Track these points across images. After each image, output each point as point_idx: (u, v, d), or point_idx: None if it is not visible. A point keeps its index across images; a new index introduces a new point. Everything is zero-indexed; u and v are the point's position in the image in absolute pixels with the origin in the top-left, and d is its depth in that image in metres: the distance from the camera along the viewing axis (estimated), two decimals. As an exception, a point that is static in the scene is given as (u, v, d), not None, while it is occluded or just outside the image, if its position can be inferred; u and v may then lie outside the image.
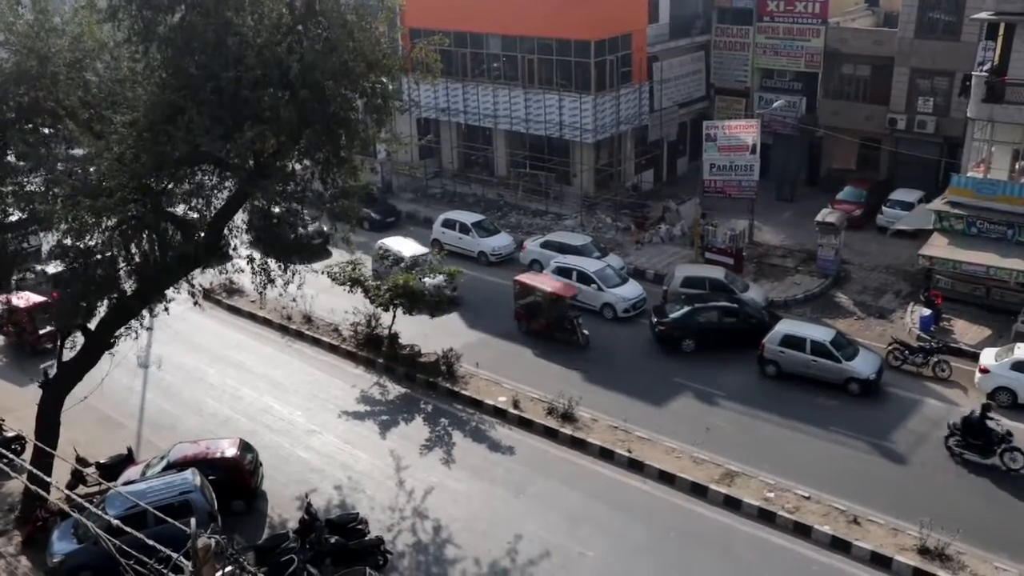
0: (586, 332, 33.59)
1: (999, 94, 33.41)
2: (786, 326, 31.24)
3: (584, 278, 36.01)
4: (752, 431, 28.10)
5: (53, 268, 29.80)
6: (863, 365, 29.66)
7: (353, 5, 23.01)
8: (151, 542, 13.17)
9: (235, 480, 25.00)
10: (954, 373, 30.20)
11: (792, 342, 30.36)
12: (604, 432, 27.98)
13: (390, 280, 32.46)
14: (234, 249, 25.71)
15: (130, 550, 13.94)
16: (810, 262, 39.17)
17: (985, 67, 34.86)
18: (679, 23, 49.20)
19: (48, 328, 34.17)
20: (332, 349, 34.30)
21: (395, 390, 31.57)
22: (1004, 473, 25.37)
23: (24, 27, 22.53)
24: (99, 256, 22.76)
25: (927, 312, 33.08)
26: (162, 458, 25.41)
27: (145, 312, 24.95)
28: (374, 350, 33.26)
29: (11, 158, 23.19)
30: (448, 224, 42.85)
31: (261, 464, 26.42)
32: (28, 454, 25.83)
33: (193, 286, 26.33)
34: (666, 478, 25.87)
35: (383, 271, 36.67)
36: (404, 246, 39.05)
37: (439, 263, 34.45)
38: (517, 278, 35.36)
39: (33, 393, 26.87)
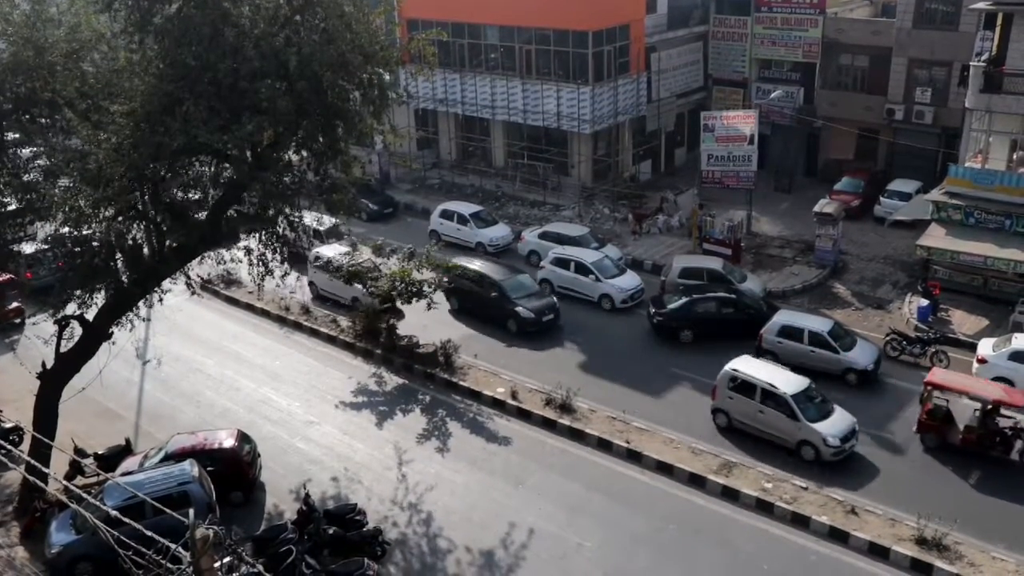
0: None
1: (997, 84, 33.38)
2: (784, 316, 31.27)
3: (582, 269, 36.02)
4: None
5: (29, 248, 29.76)
6: (861, 356, 29.70)
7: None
8: (149, 533, 13.15)
9: (233, 471, 25.01)
10: (952, 363, 30.17)
11: (790, 332, 30.39)
12: (602, 423, 28.01)
13: (388, 273, 32.42)
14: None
15: (128, 541, 13.92)
16: (808, 253, 39.18)
17: (983, 57, 34.86)
18: (677, 13, 49.11)
19: (15, 304, 34.15)
20: (330, 340, 34.28)
21: (393, 381, 31.57)
22: (1000, 463, 25.39)
23: (20, 17, 22.51)
24: (96, 245, 22.73)
25: (925, 302, 33.13)
26: (160, 449, 25.43)
27: (142, 303, 24.93)
28: (372, 341, 33.25)
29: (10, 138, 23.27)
30: (446, 215, 42.81)
31: (259, 455, 26.43)
32: (26, 445, 25.83)
33: (190, 276, 26.32)
34: (664, 469, 25.90)
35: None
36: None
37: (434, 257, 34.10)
38: (932, 379, 26.51)
39: (26, 380, 26.84)
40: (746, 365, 27.50)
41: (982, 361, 28.91)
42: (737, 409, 27.14)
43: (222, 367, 32.65)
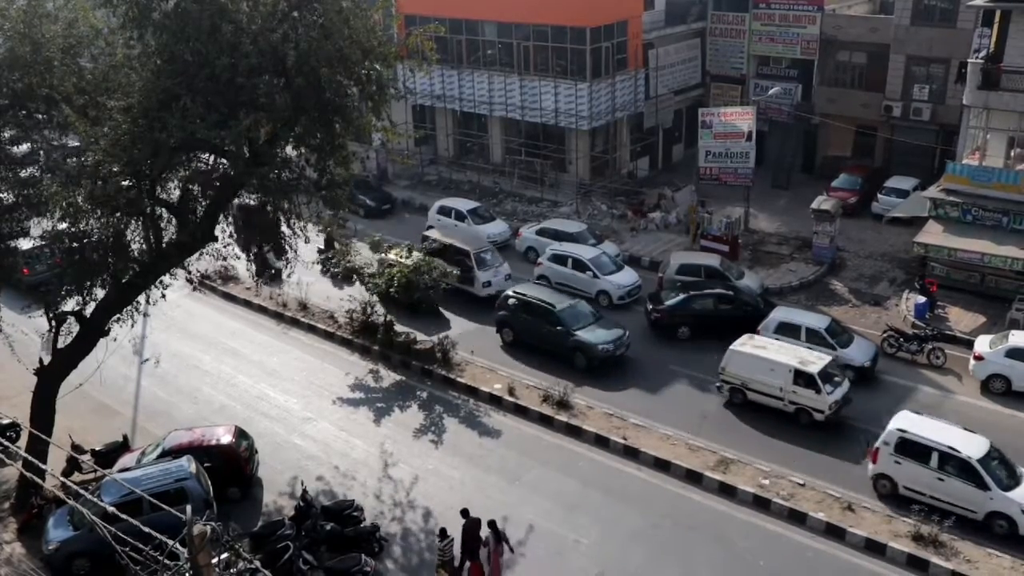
0: None
1: (995, 81, 33.36)
2: (781, 313, 31.27)
3: (579, 265, 36.02)
4: (747, 418, 28.14)
5: (26, 244, 29.64)
6: (858, 352, 29.72)
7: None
8: (147, 529, 13.16)
9: (230, 467, 25.02)
10: (949, 360, 30.28)
11: (787, 329, 30.38)
12: (599, 419, 28.02)
13: (386, 272, 32.43)
14: (230, 236, 25.69)
15: (126, 537, 13.94)
16: (805, 249, 39.21)
17: (981, 54, 34.87)
18: (675, 10, 49.16)
19: None
20: (328, 336, 34.29)
21: (390, 377, 31.57)
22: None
23: (17, 12, 22.46)
24: (94, 241, 22.69)
25: (922, 299, 33.16)
26: (157, 445, 25.42)
27: (141, 298, 24.91)
28: (370, 337, 33.24)
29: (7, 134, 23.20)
30: (443, 211, 42.78)
31: (256, 451, 26.44)
32: (23, 441, 25.82)
33: (190, 272, 26.30)
34: (661, 465, 25.93)
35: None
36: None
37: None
38: None
39: (23, 376, 26.90)
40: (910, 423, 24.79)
41: (979, 358, 28.94)
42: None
43: (219, 363, 32.64)
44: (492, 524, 21.81)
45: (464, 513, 22.17)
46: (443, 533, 21.92)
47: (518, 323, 32.53)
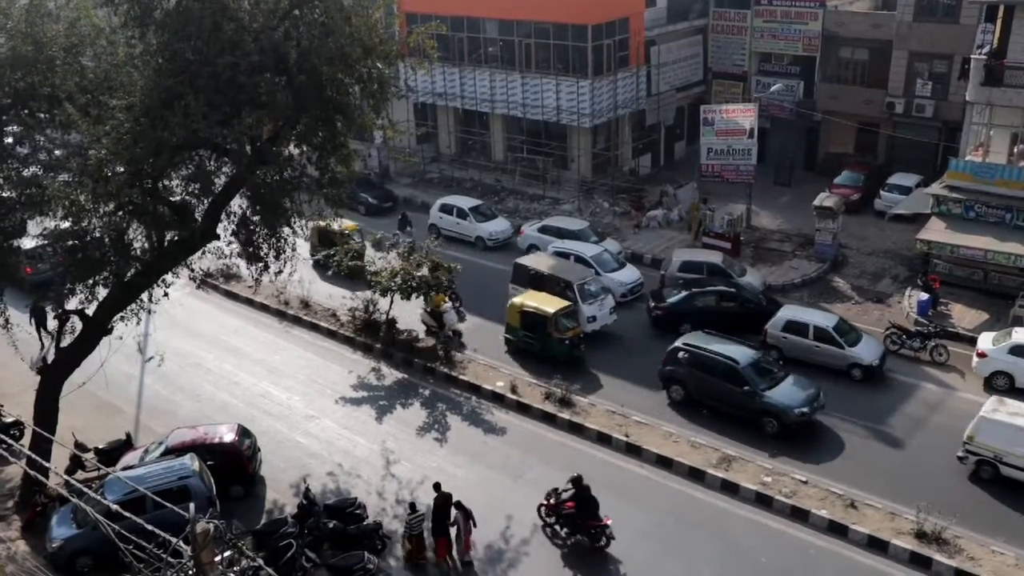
0: None
1: (998, 77, 33.31)
2: (789, 312, 31.22)
3: (582, 263, 35.97)
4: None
5: (29, 243, 29.70)
6: (866, 351, 29.62)
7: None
8: (150, 527, 13.18)
9: (233, 465, 25.05)
10: (952, 357, 30.23)
11: (795, 328, 30.34)
12: (602, 417, 28.02)
13: (387, 269, 32.38)
14: (231, 235, 25.72)
15: (129, 535, 13.95)
16: (808, 246, 39.18)
17: (984, 50, 34.80)
18: (677, 7, 49.12)
19: None
20: (330, 334, 34.30)
21: (393, 375, 31.58)
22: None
23: (19, 12, 22.51)
24: (96, 239, 22.72)
25: (925, 296, 33.12)
26: (160, 443, 25.45)
27: (144, 297, 24.94)
28: (372, 335, 33.26)
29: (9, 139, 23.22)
30: (445, 209, 42.79)
31: (259, 449, 26.48)
32: (27, 439, 25.86)
33: (193, 270, 26.32)
34: (664, 462, 25.93)
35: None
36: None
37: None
38: None
39: (26, 374, 26.94)
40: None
41: (982, 355, 28.90)
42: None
43: (222, 361, 32.67)
44: (458, 504, 22.54)
45: (436, 487, 22.86)
46: (412, 507, 22.71)
47: (691, 380, 28.30)
